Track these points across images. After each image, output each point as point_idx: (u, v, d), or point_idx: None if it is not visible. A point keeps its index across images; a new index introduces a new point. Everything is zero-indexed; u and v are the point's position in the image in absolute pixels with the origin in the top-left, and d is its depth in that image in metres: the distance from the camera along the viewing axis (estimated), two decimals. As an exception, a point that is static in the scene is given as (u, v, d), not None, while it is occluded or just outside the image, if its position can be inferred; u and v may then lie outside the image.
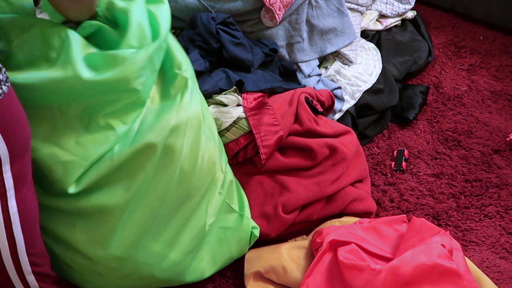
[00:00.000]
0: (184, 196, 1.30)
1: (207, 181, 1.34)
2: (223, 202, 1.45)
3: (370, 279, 1.25)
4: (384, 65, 2.00)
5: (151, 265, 1.32)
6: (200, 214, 1.36)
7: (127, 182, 1.22)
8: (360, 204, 1.59)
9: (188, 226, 1.34)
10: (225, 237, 1.46)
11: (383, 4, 2.16)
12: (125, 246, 1.26)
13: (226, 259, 1.48)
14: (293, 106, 1.60)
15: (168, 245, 1.33)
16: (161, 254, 1.32)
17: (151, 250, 1.30)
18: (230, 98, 1.57)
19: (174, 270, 1.37)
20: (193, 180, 1.29)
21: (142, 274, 1.32)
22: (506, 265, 1.55)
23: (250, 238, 1.50)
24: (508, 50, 2.24)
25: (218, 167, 1.40)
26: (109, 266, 1.28)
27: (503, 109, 2.01)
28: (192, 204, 1.33)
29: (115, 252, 1.26)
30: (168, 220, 1.30)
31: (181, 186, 1.28)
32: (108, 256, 1.26)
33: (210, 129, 1.38)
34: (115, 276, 1.31)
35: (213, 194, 1.39)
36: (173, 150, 1.23)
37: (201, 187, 1.33)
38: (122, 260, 1.28)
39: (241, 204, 1.52)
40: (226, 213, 1.47)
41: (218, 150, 1.40)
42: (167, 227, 1.31)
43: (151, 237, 1.30)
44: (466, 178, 1.78)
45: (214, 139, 1.38)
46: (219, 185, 1.41)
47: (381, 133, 1.94)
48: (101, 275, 1.31)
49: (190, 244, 1.36)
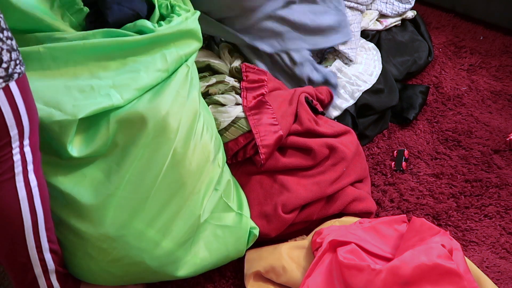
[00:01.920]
0: (178, 182, 1.33)
1: (201, 170, 1.37)
2: (220, 199, 1.46)
3: (370, 279, 1.25)
4: (384, 65, 2.00)
5: (142, 251, 1.33)
6: (194, 205, 1.37)
7: (120, 157, 1.26)
8: (360, 204, 1.59)
9: (181, 215, 1.36)
10: (223, 235, 1.46)
11: (383, 3, 2.16)
12: (116, 225, 1.28)
13: (222, 257, 1.48)
14: (293, 106, 1.60)
15: (161, 232, 1.34)
16: (153, 241, 1.33)
17: (143, 235, 1.32)
18: (228, 98, 1.57)
19: (166, 260, 1.37)
20: (186, 165, 1.33)
21: (133, 259, 1.33)
22: (506, 265, 1.55)
23: (249, 238, 1.50)
24: (508, 50, 2.24)
25: (214, 159, 1.42)
26: (100, 246, 1.30)
27: (503, 109, 2.01)
28: (186, 192, 1.35)
29: (106, 230, 1.28)
30: (161, 207, 1.33)
31: (174, 170, 1.31)
32: (99, 234, 1.28)
33: (207, 121, 1.42)
34: (105, 260, 1.32)
35: (208, 188, 1.40)
36: (167, 131, 1.28)
37: (195, 175, 1.36)
38: (112, 240, 1.29)
39: (240, 204, 1.53)
40: (223, 211, 1.47)
41: (214, 144, 1.43)
42: (160, 213, 1.33)
43: (144, 220, 1.31)
44: (466, 178, 1.78)
45: (211, 132, 1.42)
46: (215, 180, 1.43)
47: (381, 133, 1.94)
48: (92, 257, 1.32)
49: (184, 235, 1.37)
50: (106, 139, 1.25)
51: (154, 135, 1.27)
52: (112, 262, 1.33)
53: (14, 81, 1.05)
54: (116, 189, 1.27)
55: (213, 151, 1.42)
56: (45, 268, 1.24)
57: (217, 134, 1.49)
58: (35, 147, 1.15)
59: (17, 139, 1.09)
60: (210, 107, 1.55)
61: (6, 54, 1.03)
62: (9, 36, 1.06)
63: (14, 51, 1.06)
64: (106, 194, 1.27)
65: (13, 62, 1.05)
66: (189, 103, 1.35)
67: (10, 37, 1.06)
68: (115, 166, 1.28)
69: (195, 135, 1.36)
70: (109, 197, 1.27)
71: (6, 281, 1.51)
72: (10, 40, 1.06)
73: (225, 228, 1.46)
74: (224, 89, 1.60)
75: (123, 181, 1.27)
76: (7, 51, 1.04)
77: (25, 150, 1.12)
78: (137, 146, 1.27)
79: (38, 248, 1.21)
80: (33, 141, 1.14)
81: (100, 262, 1.33)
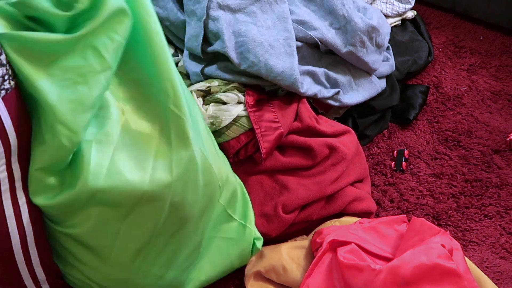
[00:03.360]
0: (179, 224, 1.26)
1: (204, 203, 1.30)
2: (223, 211, 1.41)
3: (370, 279, 1.25)
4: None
5: (147, 285, 1.32)
6: (197, 234, 1.33)
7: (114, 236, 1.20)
8: (360, 204, 1.59)
9: (185, 247, 1.32)
10: (226, 248, 1.44)
11: (383, 3, 2.16)
12: (118, 271, 1.26)
13: (227, 270, 1.47)
14: (294, 104, 1.60)
15: (164, 267, 1.31)
16: (157, 275, 1.31)
17: (147, 273, 1.29)
18: (230, 96, 1.57)
19: (171, 285, 1.36)
20: (187, 208, 1.24)
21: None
22: (506, 265, 1.55)
23: (252, 249, 1.48)
24: (508, 50, 2.24)
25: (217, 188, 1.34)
26: (104, 286, 1.29)
27: (503, 109, 2.01)
28: (189, 227, 1.29)
29: (112, 274, 1.26)
30: (162, 247, 1.27)
31: (173, 217, 1.23)
32: (106, 277, 1.26)
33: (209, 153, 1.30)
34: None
35: (211, 214, 1.35)
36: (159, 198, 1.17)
37: (198, 211, 1.29)
38: (118, 281, 1.28)
39: (245, 214, 1.48)
40: (226, 223, 1.43)
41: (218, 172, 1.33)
42: (163, 251, 1.28)
43: (147, 261, 1.27)
44: (466, 178, 1.78)
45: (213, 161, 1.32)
46: (216, 202, 1.36)
47: (381, 133, 1.94)
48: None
49: (187, 261, 1.36)
50: None
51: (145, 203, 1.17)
52: None
53: (0, 98, 1.00)
54: (114, 240, 1.21)
55: (219, 189, 1.33)
56: (36, 280, 1.21)
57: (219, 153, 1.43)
58: (26, 163, 1.10)
59: (3, 157, 1.04)
60: (212, 105, 1.55)
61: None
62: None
63: (2, 66, 1.01)
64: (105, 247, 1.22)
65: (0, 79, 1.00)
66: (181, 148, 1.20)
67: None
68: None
69: (193, 183, 1.24)
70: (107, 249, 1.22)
71: (6, 281, 1.51)
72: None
73: (229, 241, 1.44)
74: (226, 88, 1.60)
75: (119, 232, 1.20)
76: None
77: (13, 167, 1.07)
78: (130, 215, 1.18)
79: (28, 263, 1.17)
80: (24, 157, 1.09)
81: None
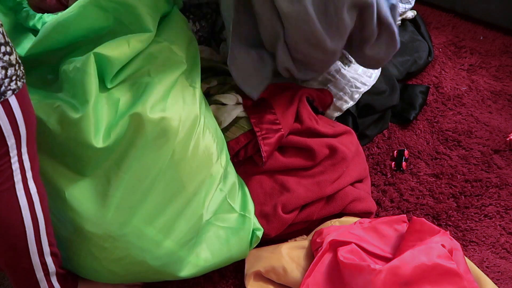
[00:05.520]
0: (177, 183, 1.33)
1: (202, 172, 1.38)
2: (224, 200, 1.46)
3: (370, 279, 1.25)
4: (384, 65, 1.99)
5: (144, 250, 1.34)
6: (196, 205, 1.38)
7: (120, 158, 1.28)
8: (360, 204, 1.59)
9: (183, 215, 1.36)
10: (225, 237, 1.46)
11: (383, 4, 2.16)
12: (117, 224, 1.29)
13: (225, 259, 1.48)
14: (294, 105, 1.60)
15: (162, 232, 1.34)
16: (155, 241, 1.34)
17: (144, 234, 1.32)
18: (229, 97, 1.57)
19: (168, 260, 1.38)
20: (185, 167, 1.34)
21: (135, 258, 1.34)
22: (506, 265, 1.55)
23: (252, 239, 1.50)
24: (508, 50, 2.24)
25: (216, 160, 1.42)
26: (102, 245, 1.31)
27: (503, 109, 2.01)
28: (187, 193, 1.35)
29: (108, 229, 1.29)
30: (161, 207, 1.33)
31: (173, 171, 1.32)
32: (101, 233, 1.29)
33: (209, 123, 1.42)
34: (108, 259, 1.33)
35: (210, 188, 1.41)
36: (167, 133, 1.29)
37: (196, 177, 1.36)
38: (114, 239, 1.30)
39: (244, 205, 1.52)
40: (226, 213, 1.47)
41: (217, 145, 1.43)
42: (160, 213, 1.33)
43: (143, 219, 1.32)
44: (466, 178, 1.78)
45: (213, 133, 1.42)
46: (217, 180, 1.43)
47: (381, 133, 1.94)
48: (94, 256, 1.33)
49: (186, 235, 1.38)
50: None
51: (153, 136, 1.28)
52: (114, 261, 1.33)
53: (13, 95, 1.04)
54: (115, 191, 1.28)
55: (216, 153, 1.42)
56: (47, 271, 1.25)
57: (220, 134, 1.49)
58: (33, 154, 1.15)
59: (14, 147, 1.09)
60: (211, 106, 1.56)
61: (1, 71, 1.01)
62: (7, 51, 1.03)
63: (11, 66, 1.04)
64: (106, 195, 1.28)
65: (7, 79, 1.02)
66: (189, 105, 1.35)
67: (9, 52, 1.04)
68: (115, 167, 1.28)
69: (196, 137, 1.36)
70: (109, 197, 1.28)
71: (6, 281, 1.52)
72: (8, 56, 1.03)
73: (228, 230, 1.46)
74: (224, 89, 1.61)
75: (122, 182, 1.28)
76: (2, 68, 1.02)
77: (23, 157, 1.12)
78: (136, 147, 1.28)
79: (40, 253, 1.21)
80: (31, 148, 1.14)
81: (103, 261, 1.33)
